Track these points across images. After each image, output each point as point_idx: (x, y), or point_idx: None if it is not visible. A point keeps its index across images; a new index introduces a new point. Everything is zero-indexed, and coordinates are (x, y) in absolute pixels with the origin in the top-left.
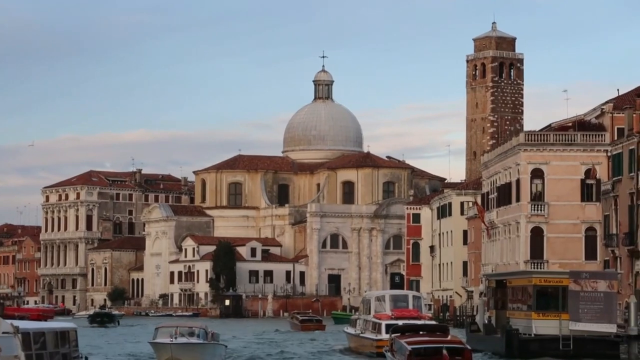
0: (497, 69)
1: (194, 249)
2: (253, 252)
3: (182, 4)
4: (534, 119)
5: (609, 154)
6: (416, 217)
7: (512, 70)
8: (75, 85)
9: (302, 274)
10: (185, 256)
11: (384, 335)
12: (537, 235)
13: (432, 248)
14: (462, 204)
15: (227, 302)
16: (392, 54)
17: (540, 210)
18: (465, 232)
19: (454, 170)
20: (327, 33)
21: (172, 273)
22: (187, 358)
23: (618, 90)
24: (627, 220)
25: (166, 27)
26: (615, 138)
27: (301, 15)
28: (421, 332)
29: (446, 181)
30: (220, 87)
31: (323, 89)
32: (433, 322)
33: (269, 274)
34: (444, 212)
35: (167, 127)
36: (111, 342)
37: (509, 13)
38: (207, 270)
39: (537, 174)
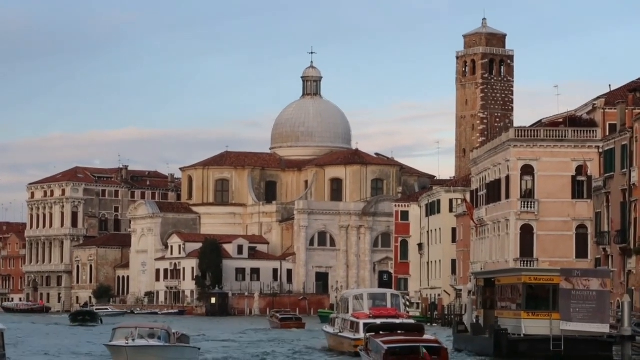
0: (487, 66)
1: (180, 246)
2: (240, 249)
3: (171, 2)
4: (524, 117)
5: (601, 150)
6: (404, 215)
7: (502, 67)
8: (64, 83)
9: (289, 271)
10: (171, 253)
11: (362, 335)
12: (527, 233)
13: (420, 246)
14: (451, 201)
15: (213, 300)
16: (381, 50)
17: (530, 207)
18: (454, 230)
19: (444, 168)
20: (316, 30)
21: (157, 270)
22: None
23: (610, 85)
24: (619, 217)
25: (155, 25)
26: (607, 134)
27: (290, 11)
28: (399, 332)
29: (435, 178)
30: (209, 84)
31: (311, 85)
32: (411, 321)
33: (255, 271)
34: (432, 209)
35: (156, 125)
36: (75, 343)
37: (499, 9)
38: (193, 268)
39: (527, 170)
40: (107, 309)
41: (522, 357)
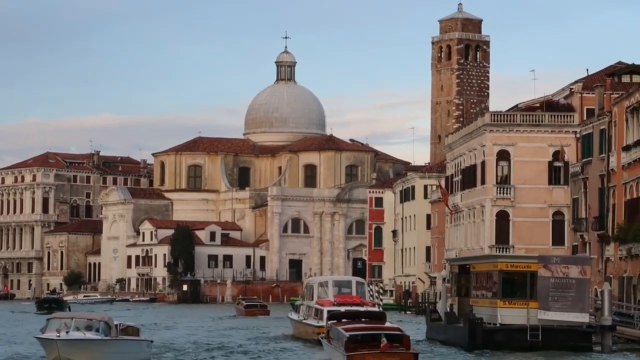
0: (463, 51)
1: (151, 232)
2: (212, 236)
3: None
4: (499, 103)
5: (579, 134)
6: (379, 201)
7: (478, 53)
8: (40, 69)
9: (262, 258)
10: (143, 240)
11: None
12: (502, 219)
13: (394, 233)
14: (425, 187)
15: (185, 288)
16: (356, 36)
17: (506, 193)
18: (428, 216)
19: (419, 155)
20: (290, 14)
21: (129, 257)
22: (80, 358)
23: (587, 70)
24: (597, 203)
25: (131, 13)
26: (585, 118)
27: None
28: (363, 320)
29: (410, 165)
30: (184, 70)
31: (285, 70)
32: (374, 309)
33: (228, 258)
34: (407, 195)
35: (132, 112)
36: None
37: None
38: (165, 255)
39: (503, 155)
40: (96, 295)
41: (498, 347)
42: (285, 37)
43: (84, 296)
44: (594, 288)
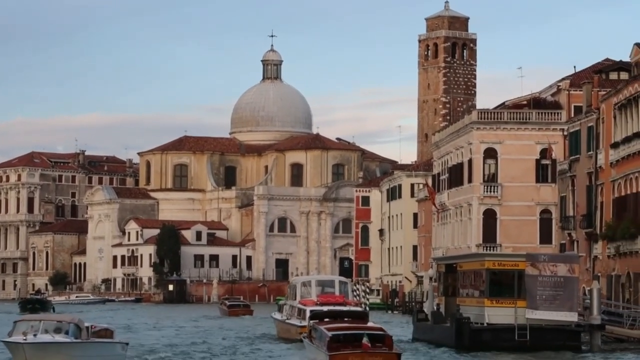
0: (450, 49)
1: (137, 232)
2: (198, 235)
3: None
4: (486, 102)
5: (566, 132)
6: (365, 200)
7: (464, 51)
8: (27, 68)
9: (248, 258)
10: (129, 240)
11: None
12: (489, 217)
13: (381, 232)
14: (412, 185)
15: (171, 287)
16: (343, 34)
17: (493, 191)
18: (415, 215)
19: (406, 154)
20: (277, 13)
21: (115, 257)
22: None
23: (574, 67)
24: (584, 201)
25: (117, 12)
26: (572, 116)
27: None
28: (346, 319)
29: (397, 163)
30: (171, 69)
31: (272, 69)
32: (356, 309)
33: (214, 258)
34: (393, 194)
35: (118, 111)
36: None
37: None
38: (150, 254)
39: (490, 153)
40: (88, 296)
41: (485, 347)
42: (272, 36)
43: (76, 296)
44: (583, 287)
